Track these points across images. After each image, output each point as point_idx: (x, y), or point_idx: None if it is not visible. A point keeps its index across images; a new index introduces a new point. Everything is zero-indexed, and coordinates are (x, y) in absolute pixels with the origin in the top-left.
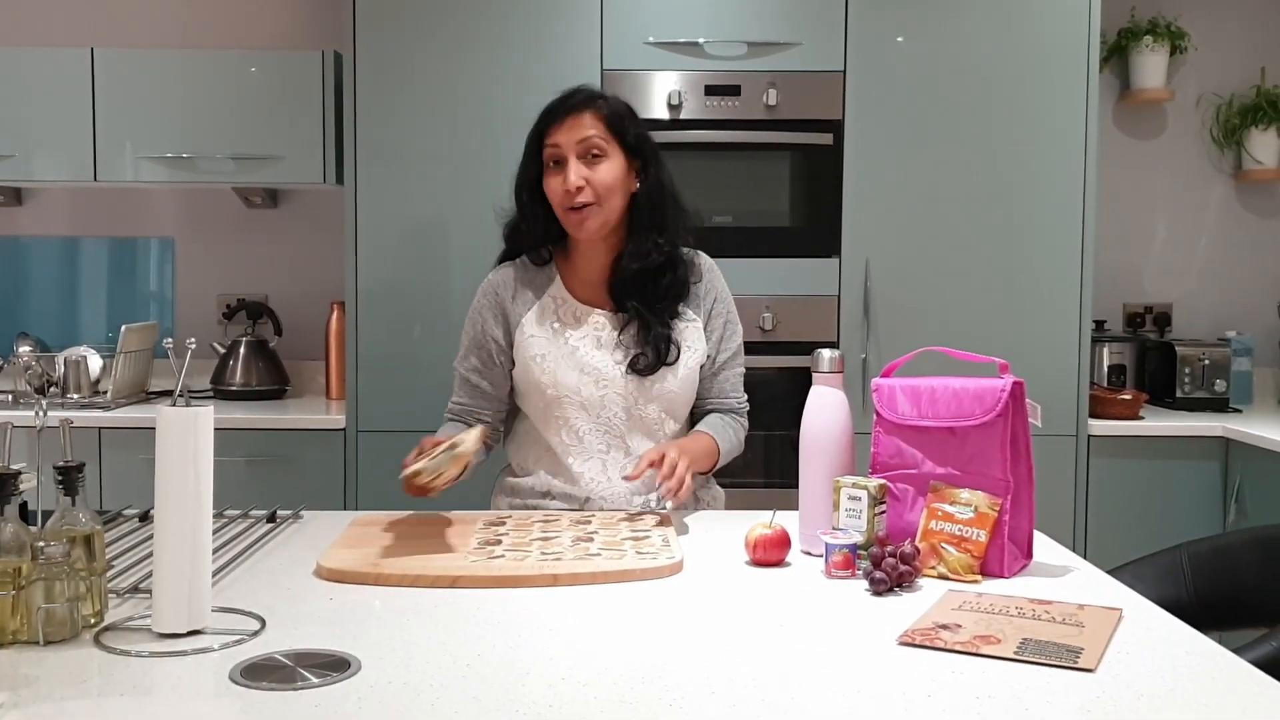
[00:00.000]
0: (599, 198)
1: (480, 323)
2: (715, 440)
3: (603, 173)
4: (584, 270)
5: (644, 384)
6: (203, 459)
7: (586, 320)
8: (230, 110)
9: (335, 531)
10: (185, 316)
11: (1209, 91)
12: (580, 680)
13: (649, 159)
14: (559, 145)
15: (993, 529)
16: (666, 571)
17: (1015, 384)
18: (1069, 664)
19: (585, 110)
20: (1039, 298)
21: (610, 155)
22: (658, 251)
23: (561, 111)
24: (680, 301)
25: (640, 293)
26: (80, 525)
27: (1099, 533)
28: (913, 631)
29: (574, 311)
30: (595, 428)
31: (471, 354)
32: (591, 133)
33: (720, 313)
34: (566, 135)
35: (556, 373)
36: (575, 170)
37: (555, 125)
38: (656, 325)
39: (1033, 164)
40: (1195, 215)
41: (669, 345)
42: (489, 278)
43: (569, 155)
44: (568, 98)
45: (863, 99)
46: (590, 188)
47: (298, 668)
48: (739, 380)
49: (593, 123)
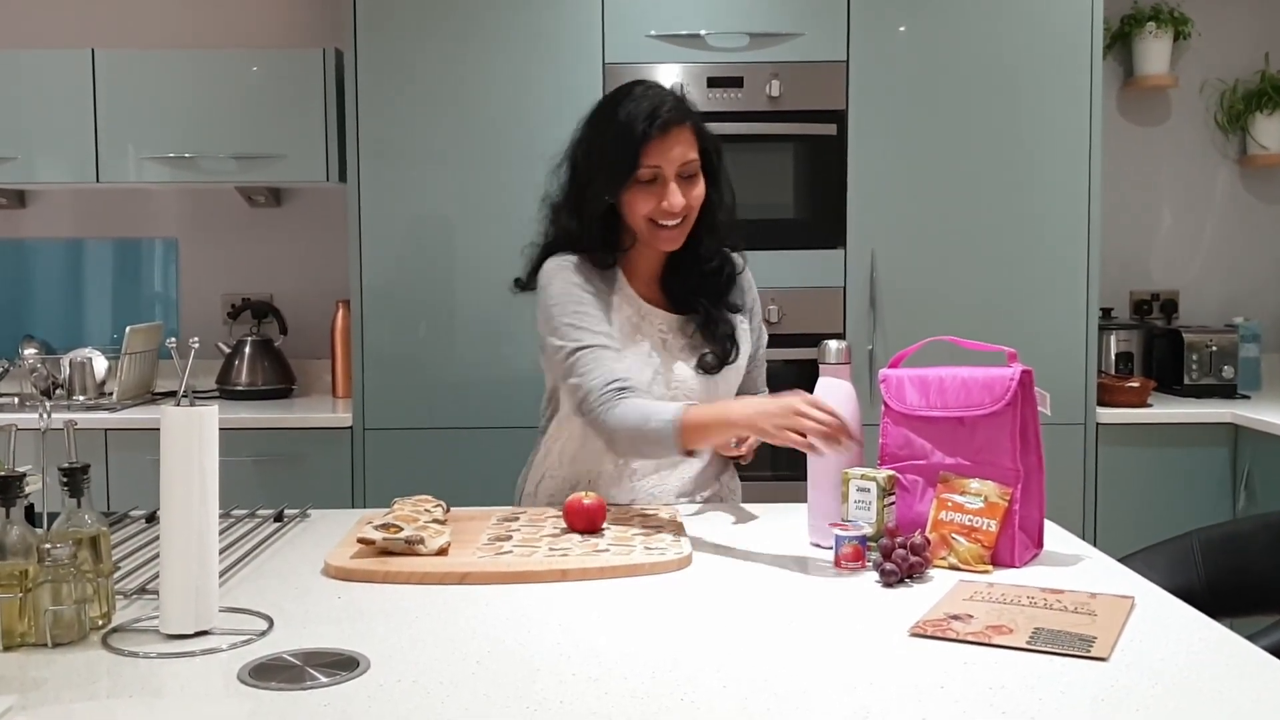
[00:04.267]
0: (690, 214)
1: (588, 293)
2: None
3: (698, 192)
4: (643, 270)
5: (710, 385)
6: (208, 459)
7: (652, 320)
8: (232, 109)
9: (342, 530)
10: (190, 317)
11: (1213, 77)
12: (590, 676)
13: (717, 164)
14: (660, 166)
15: (1003, 519)
16: (675, 566)
17: (1024, 372)
18: (1082, 653)
19: (683, 125)
20: (1045, 286)
21: (699, 172)
22: (720, 255)
23: (660, 126)
24: (732, 293)
25: (703, 291)
26: (86, 527)
27: (1108, 521)
28: (924, 622)
29: (640, 310)
30: None
31: (595, 323)
32: (692, 155)
33: (757, 311)
34: (666, 156)
35: (632, 367)
36: (677, 192)
37: (655, 142)
38: (723, 324)
39: (1037, 152)
40: (1201, 201)
41: (734, 343)
42: (559, 261)
43: (668, 175)
44: (659, 105)
45: (866, 89)
46: (687, 206)
47: (306, 667)
48: (764, 371)
49: (690, 140)
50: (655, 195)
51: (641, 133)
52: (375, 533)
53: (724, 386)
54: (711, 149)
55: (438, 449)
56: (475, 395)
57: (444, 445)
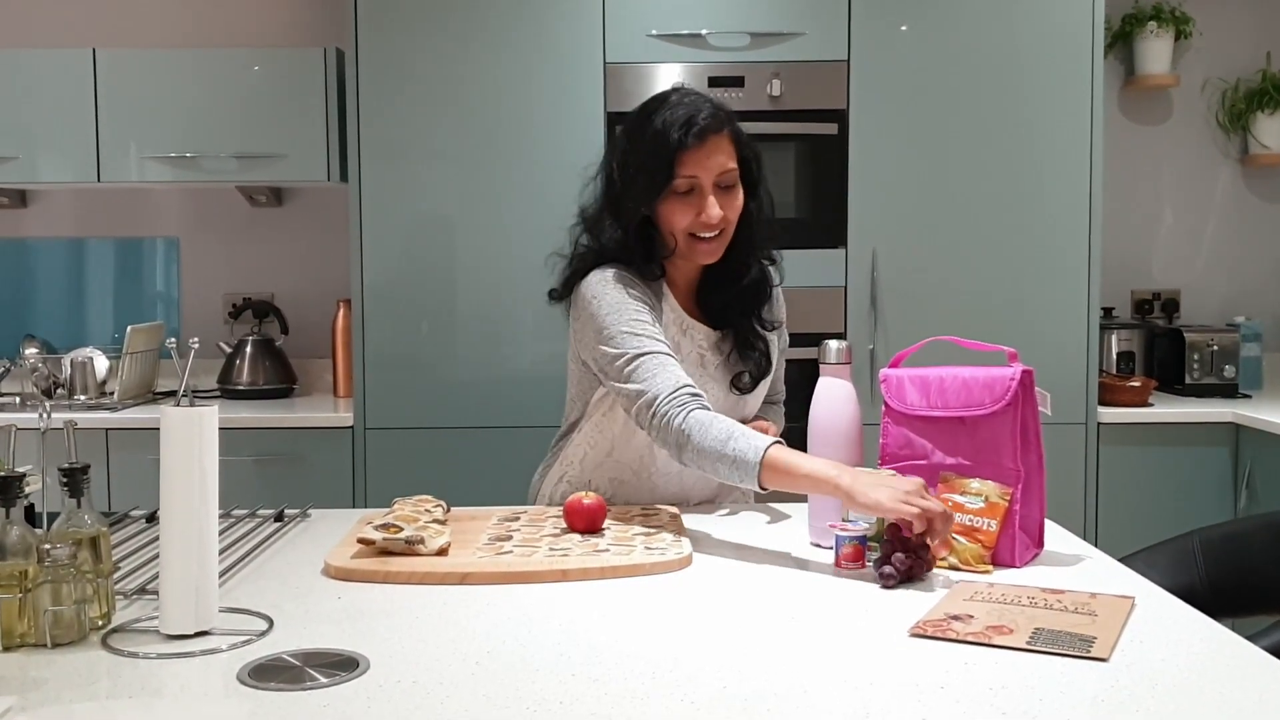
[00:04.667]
0: (729, 225)
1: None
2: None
3: (737, 203)
4: (681, 283)
5: (740, 403)
6: (208, 459)
7: (692, 334)
8: (233, 109)
9: (343, 530)
10: (191, 316)
11: (1214, 76)
12: (591, 676)
13: (756, 173)
14: (697, 177)
15: (1004, 518)
16: (676, 566)
17: (1024, 372)
18: (1082, 653)
19: (721, 133)
20: (1047, 285)
21: (738, 182)
22: (758, 267)
23: (696, 135)
24: (763, 305)
25: (740, 307)
26: (86, 527)
27: (1109, 520)
28: (924, 623)
29: (681, 323)
30: None
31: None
32: (731, 165)
33: (782, 319)
34: (705, 166)
35: None
36: (715, 204)
37: (691, 151)
38: (759, 341)
39: (1038, 151)
40: (1202, 201)
41: (768, 360)
42: (604, 274)
43: (705, 185)
44: (695, 114)
45: (867, 88)
46: (725, 218)
47: (306, 668)
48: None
49: (729, 149)
50: (693, 206)
51: (677, 141)
52: (375, 533)
53: (752, 403)
54: (751, 157)
55: (438, 448)
56: (476, 395)
57: (445, 445)
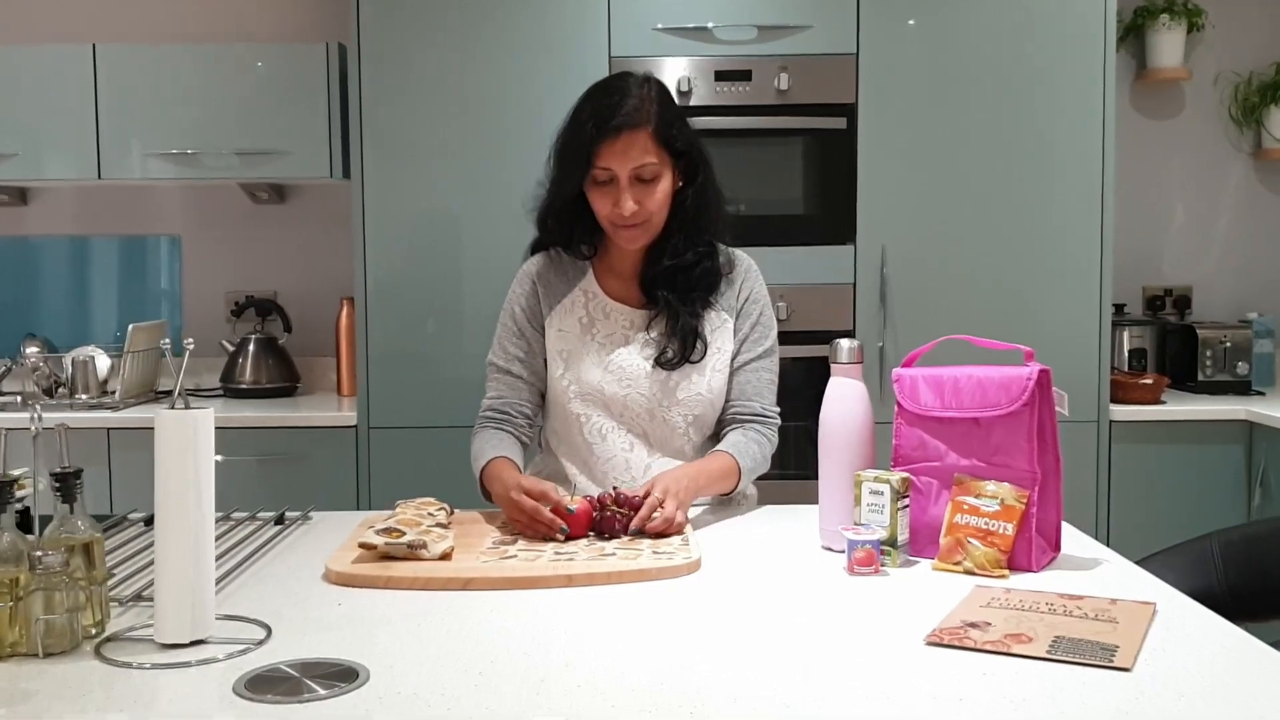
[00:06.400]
0: (650, 216)
1: (520, 310)
2: (735, 459)
3: (656, 194)
4: (617, 265)
5: (669, 384)
6: (203, 462)
7: (614, 316)
8: (235, 105)
9: (344, 533)
10: (193, 315)
11: (1227, 70)
12: (598, 687)
13: (697, 162)
14: (610, 169)
15: (1020, 522)
16: (684, 571)
17: (1041, 372)
18: (1104, 663)
19: (639, 130)
20: (1058, 281)
21: (662, 174)
22: (694, 252)
23: (612, 129)
24: (712, 292)
25: (671, 283)
26: (79, 533)
27: (1121, 519)
28: (940, 631)
29: (603, 307)
30: (618, 427)
31: (510, 343)
32: (647, 160)
33: (750, 313)
34: (620, 160)
35: (579, 369)
36: (629, 196)
37: (606, 144)
38: (685, 315)
39: (1050, 146)
40: (1214, 195)
41: (695, 338)
42: (525, 266)
43: (621, 178)
44: (615, 107)
45: (876, 82)
46: (642, 209)
47: (304, 679)
48: (765, 386)
49: (646, 144)
50: (610, 197)
51: (592, 134)
52: (377, 537)
53: (688, 386)
54: (686, 150)
55: (443, 448)
56: (481, 394)
57: (450, 445)
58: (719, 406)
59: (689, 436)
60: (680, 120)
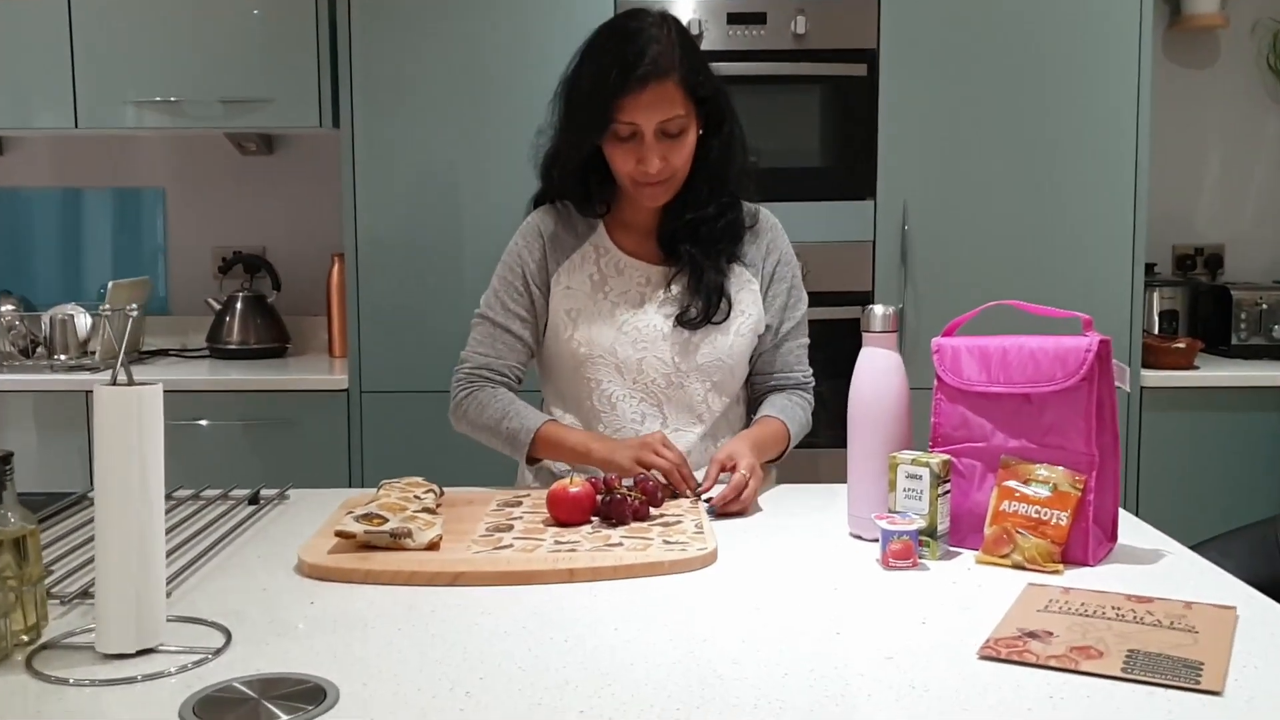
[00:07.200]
0: (675, 171)
1: (523, 264)
2: (785, 424)
3: (683, 150)
4: (631, 219)
5: (689, 347)
6: (149, 446)
7: (629, 273)
8: (219, 51)
9: (325, 514)
10: (178, 271)
11: (1266, 17)
12: (602, 714)
13: (723, 111)
14: (635, 123)
15: (1075, 510)
16: (698, 564)
17: (1101, 342)
18: (1190, 684)
19: (665, 80)
20: (1087, 239)
21: (689, 127)
22: (717, 204)
23: (637, 79)
24: (736, 244)
25: (693, 237)
26: (8, 526)
27: (1152, 488)
28: (996, 642)
29: (616, 263)
30: (630, 394)
31: (510, 298)
32: (675, 112)
33: (784, 276)
34: (645, 114)
35: (590, 329)
36: (655, 152)
37: (630, 98)
38: (710, 270)
39: (1081, 98)
40: (1249, 149)
41: (720, 296)
42: (529, 220)
43: (646, 134)
44: (639, 55)
45: (898, 27)
46: (667, 166)
47: (262, 699)
48: (804, 353)
49: (673, 95)
50: (633, 153)
51: (615, 86)
52: (356, 525)
53: (710, 349)
54: (711, 96)
55: (439, 414)
56: None
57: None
58: (739, 374)
59: (707, 404)
60: (704, 64)
